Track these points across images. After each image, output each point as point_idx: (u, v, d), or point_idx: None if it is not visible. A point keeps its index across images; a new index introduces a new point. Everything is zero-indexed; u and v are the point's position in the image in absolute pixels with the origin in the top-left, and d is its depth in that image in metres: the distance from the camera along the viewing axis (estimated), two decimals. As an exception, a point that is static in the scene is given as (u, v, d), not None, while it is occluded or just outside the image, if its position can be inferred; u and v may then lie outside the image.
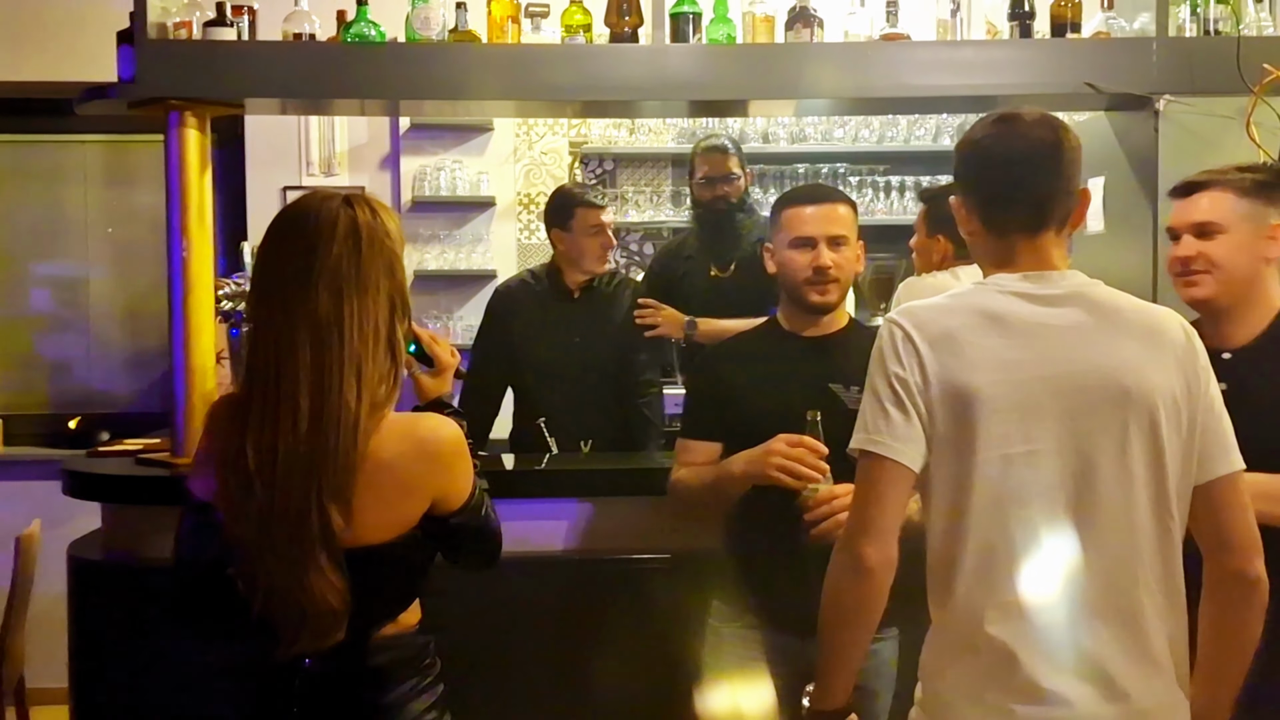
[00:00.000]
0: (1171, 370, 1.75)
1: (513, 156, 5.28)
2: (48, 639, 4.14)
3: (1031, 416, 1.71)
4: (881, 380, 1.76)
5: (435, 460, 1.81)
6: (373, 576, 1.79)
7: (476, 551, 1.94)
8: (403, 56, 3.28)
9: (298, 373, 1.71)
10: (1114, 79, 3.32)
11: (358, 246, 1.76)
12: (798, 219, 2.50)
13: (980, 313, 1.76)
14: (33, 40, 4.99)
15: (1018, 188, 1.80)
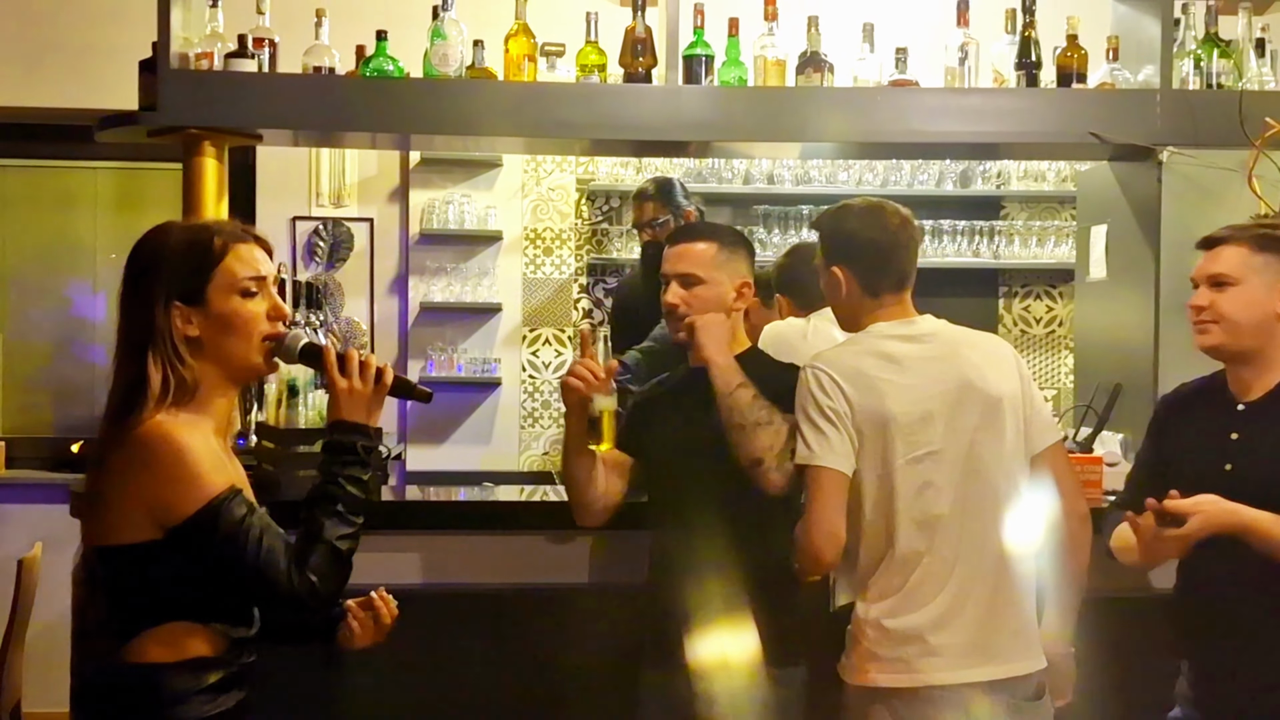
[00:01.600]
0: (1012, 376, 2.34)
1: (520, 192, 5.33)
2: (45, 663, 4.15)
3: (928, 424, 2.26)
4: (815, 410, 2.26)
5: (137, 464, 1.79)
6: (101, 581, 1.85)
7: (233, 586, 1.84)
8: (418, 92, 3.34)
9: None
10: (1118, 129, 3.38)
11: (132, 255, 1.91)
12: (663, 258, 2.61)
13: (876, 354, 2.31)
14: (48, 66, 5.04)
15: (889, 262, 2.37)
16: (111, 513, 1.80)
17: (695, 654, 2.42)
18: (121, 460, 1.79)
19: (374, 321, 5.28)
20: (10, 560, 4.01)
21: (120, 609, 1.84)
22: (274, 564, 1.80)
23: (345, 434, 1.90)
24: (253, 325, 1.88)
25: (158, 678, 1.82)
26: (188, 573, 1.81)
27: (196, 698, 1.83)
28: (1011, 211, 5.39)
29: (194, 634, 1.84)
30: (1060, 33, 3.51)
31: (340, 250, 5.26)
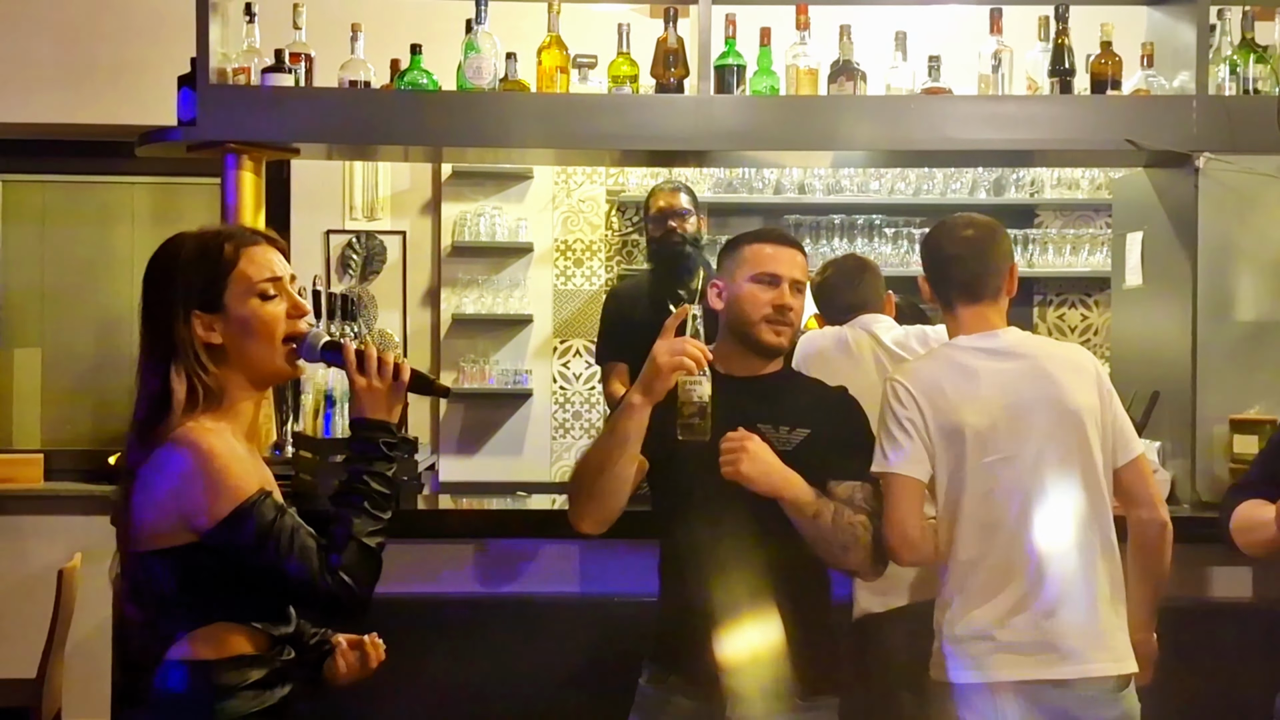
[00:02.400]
0: (1092, 390, 2.42)
1: (551, 204, 5.35)
2: (85, 672, 4.19)
3: (998, 434, 2.36)
4: (892, 420, 2.39)
5: (173, 474, 1.80)
6: (143, 586, 1.87)
7: (268, 588, 1.86)
8: (452, 104, 3.36)
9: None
10: (1154, 136, 3.36)
11: (149, 269, 1.92)
12: (763, 256, 2.40)
13: (954, 365, 2.43)
14: (87, 84, 5.11)
15: (950, 273, 2.49)
16: (146, 519, 1.82)
17: (730, 674, 2.31)
18: (153, 468, 1.82)
19: (407, 333, 5.32)
20: (50, 571, 4.06)
21: (162, 613, 1.86)
22: (307, 563, 1.83)
23: (367, 431, 1.94)
24: (273, 326, 1.90)
25: (204, 676, 1.84)
26: (224, 575, 1.83)
27: (243, 693, 1.85)
28: (1046, 220, 5.37)
29: (236, 633, 1.86)
30: (1094, 40, 3.49)
31: (373, 263, 5.30)
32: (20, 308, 5.47)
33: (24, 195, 5.48)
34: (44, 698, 3.87)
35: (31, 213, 5.48)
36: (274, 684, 1.90)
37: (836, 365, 2.93)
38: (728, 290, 2.41)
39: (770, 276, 2.38)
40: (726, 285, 2.42)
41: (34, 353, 5.44)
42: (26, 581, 4.82)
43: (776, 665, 2.32)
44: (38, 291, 5.47)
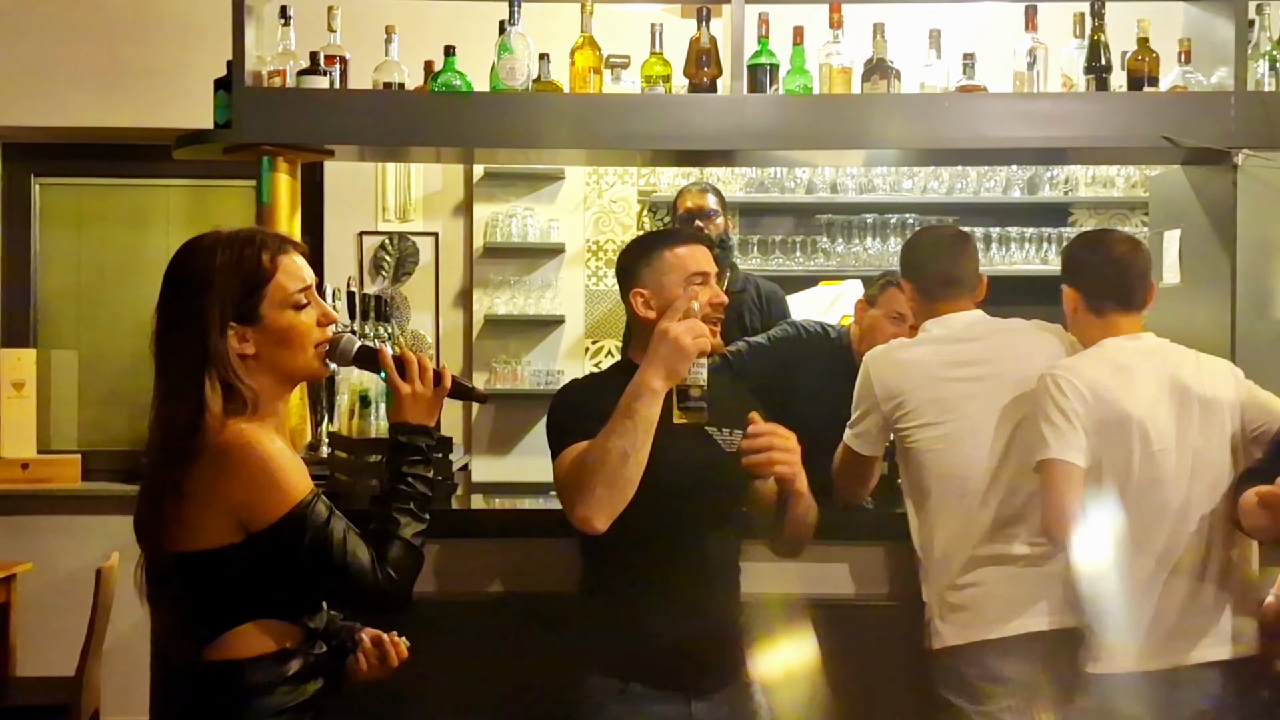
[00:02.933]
0: (1230, 388, 2.65)
1: (583, 205, 5.37)
2: (123, 671, 4.23)
3: (1159, 423, 2.56)
4: (1054, 409, 2.56)
5: (224, 472, 1.81)
6: (182, 585, 1.87)
7: (320, 586, 1.90)
8: (486, 105, 3.37)
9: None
10: (1191, 133, 3.32)
11: (173, 274, 1.91)
12: (690, 258, 2.42)
13: (1109, 362, 2.63)
14: (123, 88, 5.16)
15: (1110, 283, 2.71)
16: (191, 519, 1.83)
17: (695, 670, 2.37)
18: (202, 469, 1.82)
19: (439, 334, 5.34)
20: (88, 570, 4.10)
21: (201, 611, 1.87)
22: (359, 562, 1.87)
23: (410, 435, 1.99)
24: (307, 337, 1.93)
25: (241, 672, 1.86)
26: (270, 573, 1.85)
27: (280, 688, 1.88)
28: (1080, 218, 5.33)
29: (273, 628, 1.89)
30: (1130, 37, 3.46)
31: (406, 264, 5.32)
32: (57, 310, 5.52)
33: (61, 198, 5.54)
34: (82, 695, 3.91)
35: (68, 215, 5.54)
36: (308, 678, 1.93)
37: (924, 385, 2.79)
38: (657, 297, 2.40)
39: (702, 276, 2.41)
40: (655, 293, 2.41)
41: (71, 355, 5.51)
42: (65, 581, 4.87)
43: (732, 655, 2.44)
44: (74, 294, 5.53)
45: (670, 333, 2.24)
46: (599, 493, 2.22)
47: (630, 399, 2.24)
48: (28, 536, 5.02)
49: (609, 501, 2.23)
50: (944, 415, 2.75)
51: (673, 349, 2.23)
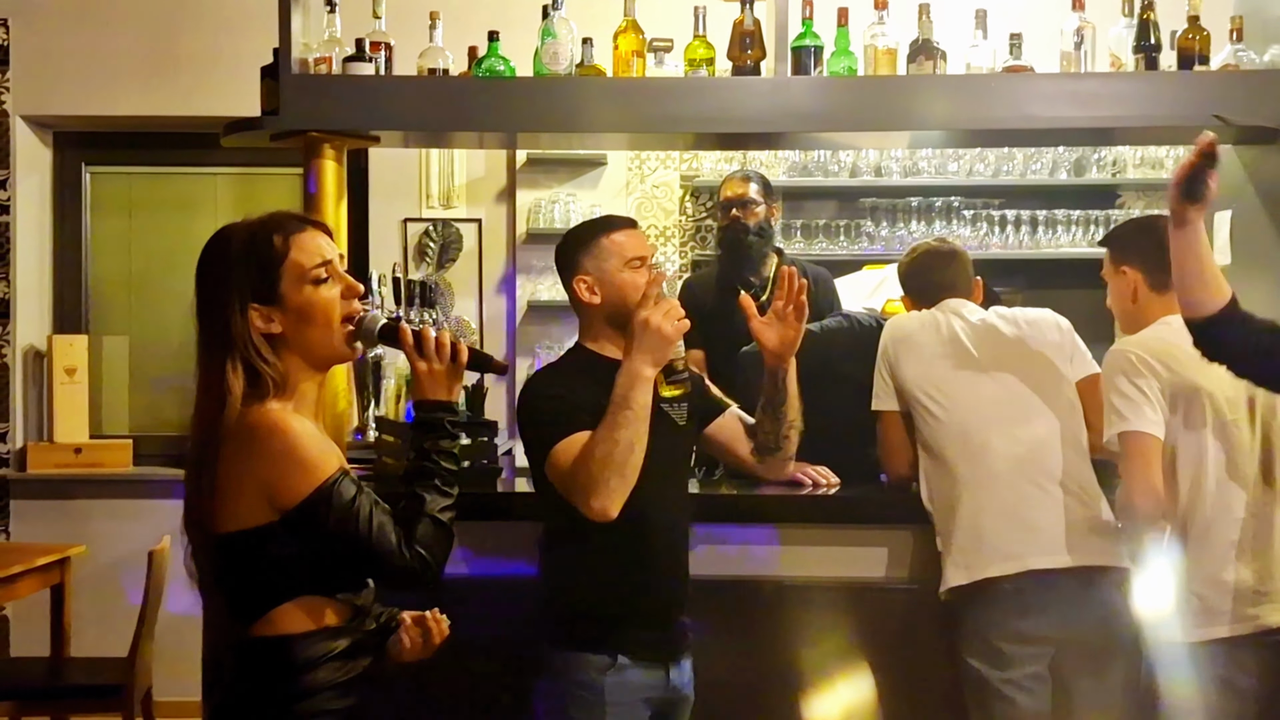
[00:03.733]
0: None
1: (625, 190, 5.36)
2: (175, 652, 4.29)
3: (1229, 394, 2.61)
4: (1127, 384, 2.61)
5: (250, 452, 1.84)
6: (225, 565, 1.89)
7: (350, 563, 1.91)
8: (530, 90, 3.38)
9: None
10: (1243, 112, 3.28)
11: (200, 264, 1.95)
12: (627, 244, 2.54)
13: (1177, 336, 2.54)
14: (171, 76, 5.22)
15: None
16: (227, 501, 1.86)
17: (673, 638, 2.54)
18: (232, 451, 1.85)
19: (483, 320, 5.36)
20: (140, 553, 4.16)
21: (246, 591, 1.90)
22: (385, 539, 1.88)
23: (430, 412, 2.00)
24: (331, 311, 1.94)
25: (291, 649, 1.88)
26: (306, 551, 1.87)
27: (329, 664, 1.90)
28: (1128, 200, 5.27)
29: (318, 606, 1.91)
30: (1180, 16, 3.41)
31: (450, 251, 5.35)
32: (109, 296, 5.61)
33: (111, 186, 5.61)
34: (135, 675, 3.98)
35: (118, 203, 5.62)
36: (356, 654, 1.95)
37: (926, 347, 2.94)
38: (600, 283, 2.52)
39: (639, 259, 2.53)
40: (598, 279, 2.52)
41: (122, 340, 5.59)
42: (117, 563, 4.95)
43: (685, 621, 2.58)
44: (125, 280, 5.62)
45: (652, 322, 2.36)
46: (613, 484, 2.32)
47: (625, 389, 2.35)
48: (81, 520, 5.11)
49: (622, 491, 2.33)
50: (944, 373, 2.87)
51: (657, 338, 2.36)
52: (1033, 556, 2.69)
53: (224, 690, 1.96)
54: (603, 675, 2.43)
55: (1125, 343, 2.73)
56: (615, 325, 2.52)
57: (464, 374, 2.03)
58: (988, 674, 2.71)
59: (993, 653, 2.71)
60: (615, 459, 2.31)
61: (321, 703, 1.89)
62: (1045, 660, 2.72)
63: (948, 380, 2.88)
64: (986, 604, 2.72)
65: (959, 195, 5.19)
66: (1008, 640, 2.70)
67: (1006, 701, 2.69)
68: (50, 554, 4.29)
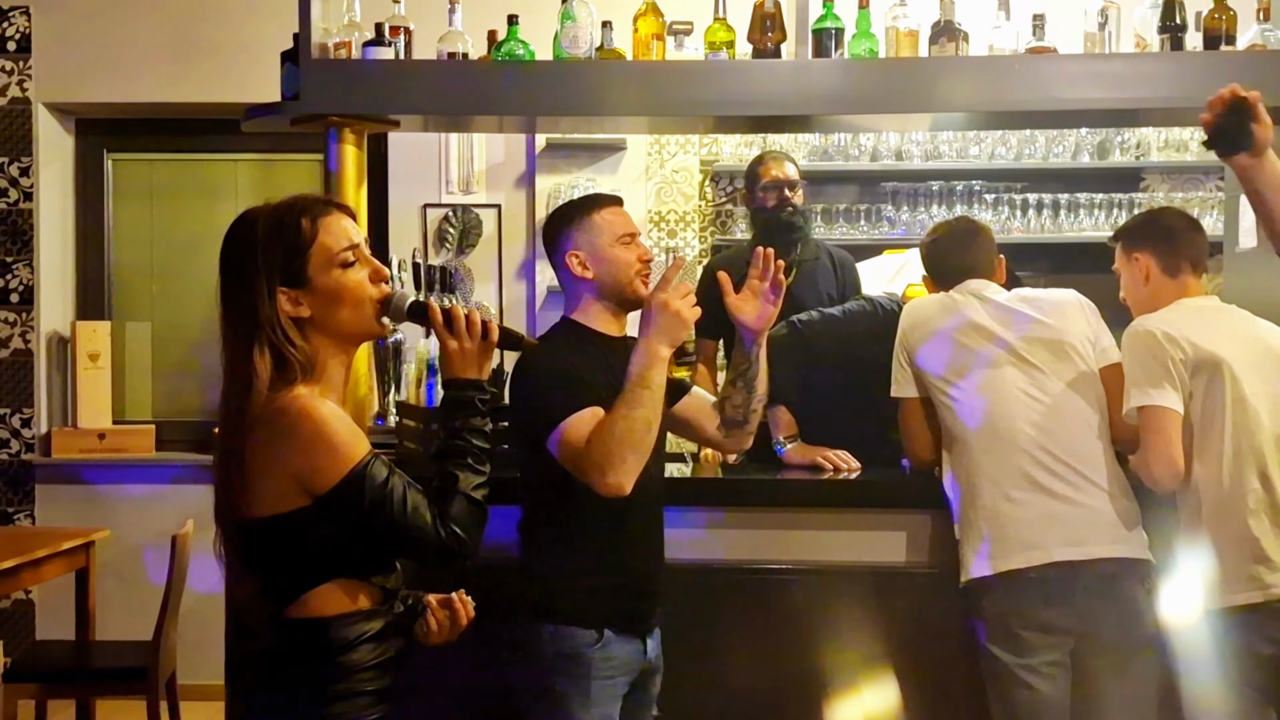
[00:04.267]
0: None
1: (645, 175, 5.35)
2: (199, 637, 4.32)
3: (1246, 370, 2.68)
4: (1150, 360, 2.68)
5: (280, 438, 1.84)
6: (258, 550, 1.90)
7: (385, 545, 1.91)
8: (549, 74, 3.37)
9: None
10: (1270, 92, 3.22)
11: (224, 248, 1.96)
12: (618, 219, 2.59)
13: (1194, 314, 2.77)
14: (191, 63, 5.23)
15: (1184, 246, 2.88)
16: (258, 487, 1.86)
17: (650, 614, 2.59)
18: (261, 437, 1.85)
19: (503, 306, 5.36)
20: (164, 537, 4.19)
21: (280, 574, 1.91)
22: (421, 520, 1.88)
23: (461, 390, 1.99)
24: (360, 293, 1.94)
25: (325, 631, 1.89)
26: (339, 535, 1.87)
27: (363, 646, 1.91)
28: (1152, 184, 5.22)
29: (352, 588, 1.91)
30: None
31: (470, 236, 5.35)
32: (131, 283, 5.64)
33: (133, 173, 5.64)
34: (160, 659, 4.01)
35: (140, 190, 5.64)
36: (389, 636, 1.96)
37: (945, 332, 2.91)
38: (592, 258, 2.56)
39: (630, 236, 2.59)
40: (590, 254, 2.56)
41: (144, 326, 5.62)
42: (141, 548, 5.00)
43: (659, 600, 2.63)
44: (147, 267, 5.64)
45: (670, 305, 2.40)
46: (630, 461, 2.35)
47: (643, 368, 2.38)
48: (105, 505, 5.15)
49: (636, 467, 2.37)
50: (964, 358, 2.85)
51: (674, 320, 2.40)
52: (1057, 548, 2.68)
53: (259, 672, 1.97)
54: (590, 648, 2.47)
55: (1145, 320, 2.77)
56: (607, 298, 2.58)
57: (494, 352, 2.02)
58: (1008, 661, 2.70)
59: (1013, 640, 2.70)
60: (634, 437, 2.34)
61: (358, 684, 1.90)
62: (1066, 649, 2.71)
63: (967, 366, 2.85)
64: (1008, 593, 2.71)
65: (981, 179, 5.15)
66: (1029, 629, 2.69)
67: (1026, 688, 2.69)
68: (75, 538, 4.32)
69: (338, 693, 1.89)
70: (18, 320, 5.33)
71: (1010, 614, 2.71)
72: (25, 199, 5.32)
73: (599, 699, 2.46)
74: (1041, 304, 2.94)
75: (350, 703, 1.89)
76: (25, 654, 4.36)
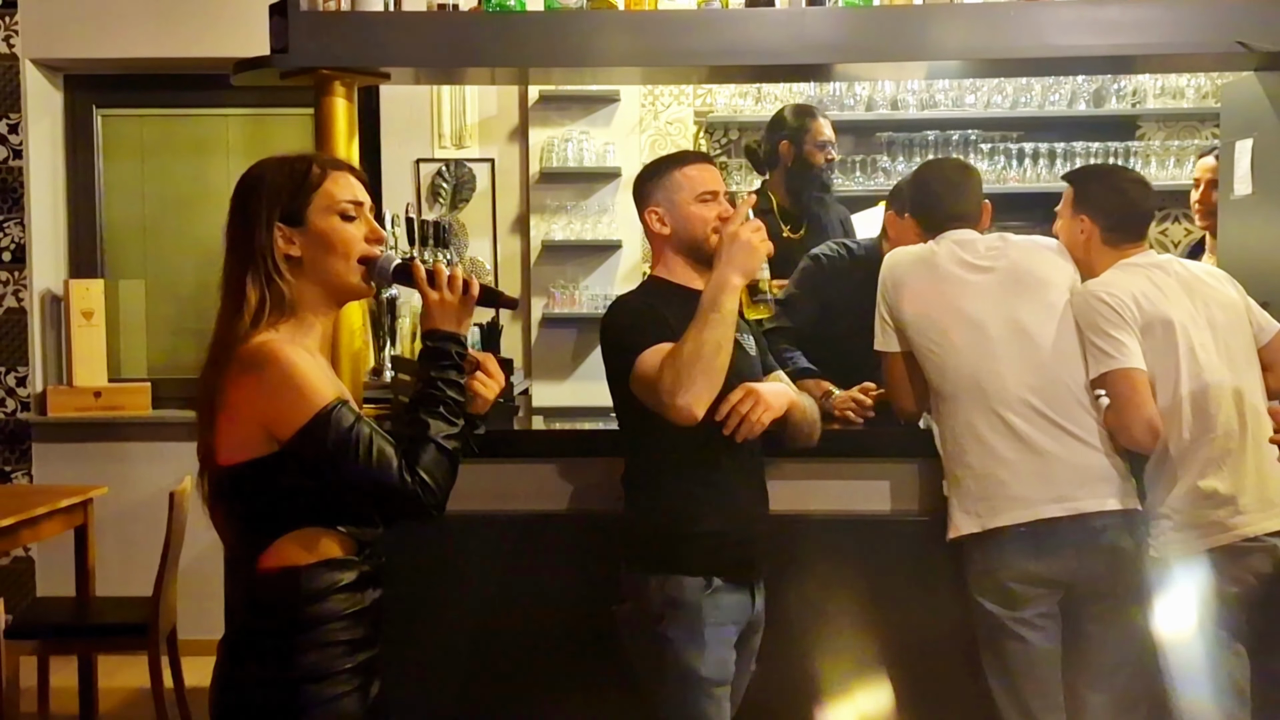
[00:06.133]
0: (1233, 290, 2.88)
1: (638, 127, 5.32)
2: (199, 592, 4.34)
3: (1196, 320, 2.76)
4: (1108, 325, 2.72)
5: (249, 379, 1.85)
6: (230, 497, 1.91)
7: (352, 491, 1.89)
8: (540, 24, 3.33)
9: None
10: (1266, 37, 3.21)
11: (237, 186, 1.98)
12: (699, 178, 2.62)
13: (1142, 275, 2.81)
14: (179, 17, 5.18)
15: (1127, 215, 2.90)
16: (228, 432, 1.87)
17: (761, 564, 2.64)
18: (230, 380, 1.86)
19: (497, 260, 5.35)
20: (161, 494, 4.20)
21: (251, 521, 1.92)
22: (386, 466, 1.87)
23: (439, 341, 2.01)
24: (351, 246, 1.97)
25: (296, 579, 1.90)
26: (308, 481, 1.88)
27: (335, 595, 1.92)
28: (1148, 131, 5.21)
29: (325, 537, 1.92)
30: (1203, -62, 3.34)
31: (463, 191, 5.33)
32: (123, 240, 5.61)
33: (123, 129, 5.60)
34: (160, 614, 4.03)
35: (130, 147, 5.61)
36: (364, 587, 1.96)
37: (926, 286, 2.90)
38: (671, 214, 2.62)
39: (710, 194, 2.61)
40: (668, 210, 2.62)
41: (138, 284, 5.61)
42: (139, 505, 5.01)
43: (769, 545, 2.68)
44: (139, 224, 5.61)
45: (741, 235, 2.46)
46: (699, 382, 2.39)
47: (714, 294, 2.43)
48: (102, 462, 5.16)
49: (708, 391, 2.40)
50: (946, 314, 2.84)
51: (745, 249, 2.45)
52: (1044, 504, 2.69)
53: (235, 624, 1.98)
54: (699, 595, 2.50)
55: (1093, 285, 2.80)
56: (685, 254, 2.63)
57: (474, 309, 2.04)
58: (998, 613, 2.73)
59: (1003, 593, 2.72)
60: (703, 357, 2.38)
61: (330, 634, 1.91)
62: (1056, 600, 2.73)
63: (948, 320, 2.83)
64: (997, 547, 2.73)
65: (976, 128, 5.14)
66: (1018, 582, 2.71)
67: (1018, 639, 2.72)
68: (72, 496, 4.33)
69: (310, 643, 1.89)
70: (10, 279, 5.31)
71: (999, 568, 2.72)
72: (15, 157, 5.29)
73: (712, 644, 2.50)
74: (1023, 252, 2.91)
75: (323, 652, 1.90)
76: (26, 611, 4.39)
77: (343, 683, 1.91)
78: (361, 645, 1.95)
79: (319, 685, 1.89)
